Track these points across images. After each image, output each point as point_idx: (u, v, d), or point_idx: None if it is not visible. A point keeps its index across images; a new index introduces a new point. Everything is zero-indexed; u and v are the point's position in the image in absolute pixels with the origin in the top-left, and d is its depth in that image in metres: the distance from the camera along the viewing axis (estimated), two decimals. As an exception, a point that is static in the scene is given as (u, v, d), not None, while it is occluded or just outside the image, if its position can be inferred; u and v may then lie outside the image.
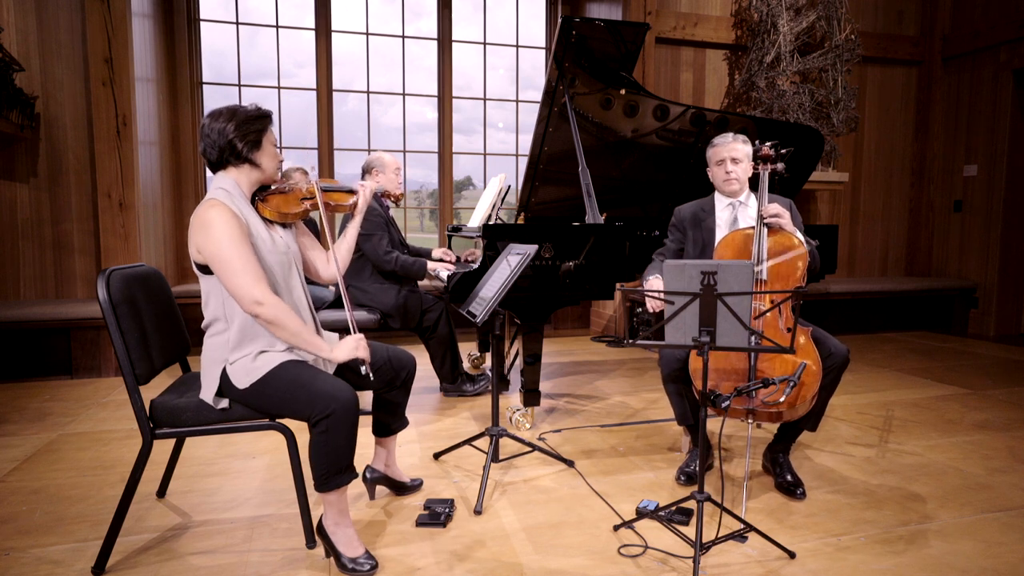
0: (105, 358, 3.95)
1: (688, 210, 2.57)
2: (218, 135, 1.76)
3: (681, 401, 2.33)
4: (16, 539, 1.93)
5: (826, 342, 2.18)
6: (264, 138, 1.81)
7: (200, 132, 1.80)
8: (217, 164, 1.80)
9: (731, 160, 2.41)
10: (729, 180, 2.43)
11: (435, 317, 3.37)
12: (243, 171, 1.81)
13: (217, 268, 1.69)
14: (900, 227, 6.30)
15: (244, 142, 1.77)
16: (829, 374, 2.13)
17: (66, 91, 4.18)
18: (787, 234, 2.26)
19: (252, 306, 1.68)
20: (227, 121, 1.76)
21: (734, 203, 2.47)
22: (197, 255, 1.73)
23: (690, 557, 1.80)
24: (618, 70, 3.21)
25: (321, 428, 1.68)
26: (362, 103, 5.39)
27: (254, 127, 1.78)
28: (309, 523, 1.87)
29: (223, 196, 1.75)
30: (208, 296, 1.79)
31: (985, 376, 4.09)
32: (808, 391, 2.01)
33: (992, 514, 2.13)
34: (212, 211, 1.69)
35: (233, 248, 1.67)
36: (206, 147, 1.78)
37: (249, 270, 1.68)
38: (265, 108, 1.85)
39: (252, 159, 1.80)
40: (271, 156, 1.84)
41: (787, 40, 5.15)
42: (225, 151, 1.77)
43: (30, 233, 4.21)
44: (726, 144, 2.43)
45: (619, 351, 4.81)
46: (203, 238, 1.69)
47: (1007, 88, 5.47)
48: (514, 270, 2.11)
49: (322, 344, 1.79)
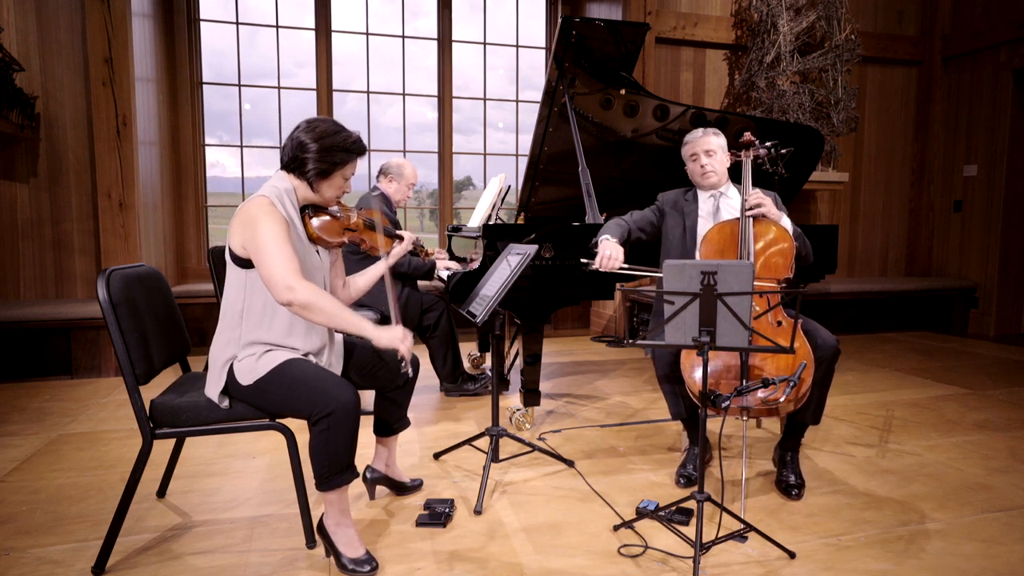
0: (105, 358, 3.95)
1: (671, 196, 2.62)
2: (299, 147, 1.76)
3: (676, 399, 2.33)
4: (16, 539, 1.93)
5: (815, 333, 2.17)
6: (338, 172, 1.80)
7: (294, 128, 1.79)
8: (285, 165, 1.81)
9: (704, 153, 2.45)
10: (706, 174, 2.46)
11: (435, 317, 3.37)
12: (302, 186, 1.81)
13: (257, 255, 1.68)
14: (900, 227, 6.30)
15: (316, 167, 1.77)
16: (820, 367, 2.13)
17: (66, 91, 4.18)
18: (770, 223, 2.27)
19: (284, 292, 1.65)
20: (315, 139, 1.75)
21: (715, 194, 2.50)
22: (240, 249, 1.72)
23: (690, 557, 1.80)
24: (618, 70, 3.21)
25: (322, 427, 1.68)
26: (361, 103, 5.39)
27: (335, 158, 1.78)
28: (309, 523, 1.87)
29: (273, 195, 1.75)
30: (233, 290, 1.78)
31: (985, 376, 4.09)
32: (803, 386, 2.01)
33: (992, 514, 2.13)
34: (259, 207, 1.70)
35: (274, 239, 1.67)
36: (285, 146, 1.80)
37: (286, 258, 1.67)
38: (361, 143, 1.83)
39: (314, 184, 1.80)
40: (335, 188, 1.84)
41: (787, 40, 5.15)
42: (295, 163, 1.78)
43: (30, 233, 4.21)
44: (697, 139, 2.47)
45: (619, 351, 4.81)
46: (249, 232, 1.69)
47: (1007, 88, 5.47)
48: (514, 270, 2.11)
49: (365, 323, 1.74)
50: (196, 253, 4.96)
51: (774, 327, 2.14)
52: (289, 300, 1.67)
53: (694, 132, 2.50)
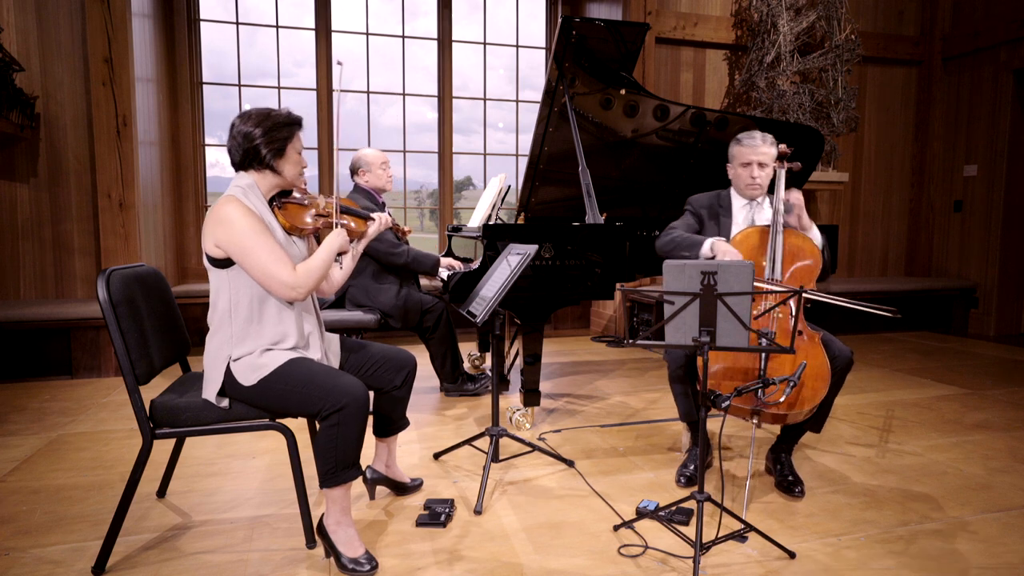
0: (105, 358, 3.95)
1: (704, 200, 2.51)
2: (244, 138, 1.77)
3: (687, 400, 2.34)
4: (16, 539, 1.93)
5: (831, 344, 2.18)
6: (289, 146, 1.82)
7: (230, 130, 1.80)
8: (240, 165, 1.82)
9: (758, 165, 2.33)
10: (753, 185, 2.36)
11: (436, 317, 3.37)
12: (264, 175, 1.82)
13: (244, 260, 1.71)
14: (900, 227, 6.30)
15: (268, 149, 1.78)
16: (833, 375, 2.13)
17: (66, 91, 4.18)
18: (802, 236, 2.24)
19: (287, 291, 1.73)
20: (256, 125, 1.77)
21: (750, 204, 2.43)
22: (215, 249, 1.74)
23: (690, 557, 1.80)
24: (618, 70, 3.21)
25: (332, 421, 1.69)
26: (360, 103, 5.39)
27: (281, 134, 1.79)
28: (309, 523, 1.87)
29: (239, 193, 1.77)
30: (218, 292, 1.79)
31: (985, 376, 4.09)
32: (810, 392, 2.01)
33: (992, 514, 2.13)
34: (229, 206, 1.72)
35: (257, 238, 1.70)
36: (231, 147, 1.80)
37: (276, 257, 1.72)
38: (296, 114, 1.85)
39: (274, 166, 1.81)
40: (294, 163, 1.85)
41: (787, 40, 5.15)
42: (249, 155, 1.78)
43: (30, 233, 4.21)
44: (755, 147, 2.33)
45: (619, 351, 4.81)
46: (224, 232, 1.70)
47: (1007, 88, 5.47)
48: (514, 270, 2.11)
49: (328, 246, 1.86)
50: (196, 253, 4.96)
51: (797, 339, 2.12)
52: (292, 298, 1.74)
53: (750, 136, 2.36)
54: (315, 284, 1.79)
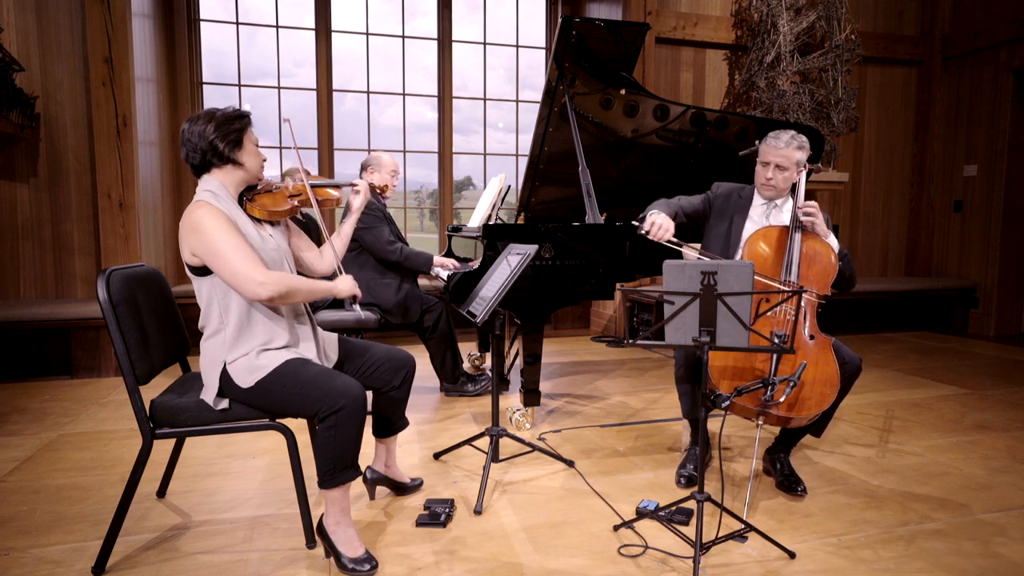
0: (105, 358, 3.95)
1: (725, 190, 2.48)
2: (199, 138, 1.77)
3: (691, 399, 2.35)
4: (16, 539, 1.93)
5: (841, 351, 2.17)
6: (245, 137, 1.82)
7: (181, 138, 1.80)
8: (201, 167, 1.81)
9: (775, 167, 2.30)
10: (766, 185, 2.34)
11: (435, 317, 3.37)
12: (227, 172, 1.82)
13: (213, 262, 1.71)
14: (900, 227, 6.30)
15: (225, 142, 1.78)
16: (841, 382, 2.12)
17: (66, 91, 4.18)
18: (819, 240, 2.24)
19: (256, 288, 1.69)
20: (206, 123, 1.77)
21: (768, 204, 2.41)
22: (191, 258, 1.74)
23: (690, 557, 1.80)
24: (618, 70, 3.21)
25: (330, 423, 1.69)
26: (360, 103, 5.39)
27: (234, 127, 1.79)
28: (309, 523, 1.87)
29: (209, 197, 1.77)
30: (208, 300, 1.79)
31: (985, 376, 4.09)
32: (818, 397, 2.00)
33: (992, 514, 2.13)
34: (199, 211, 1.71)
35: (225, 239, 1.69)
36: (188, 152, 1.79)
37: (244, 256, 1.70)
38: (243, 108, 1.86)
39: (235, 159, 1.81)
40: (253, 155, 1.86)
41: (787, 40, 5.15)
42: (207, 153, 1.78)
43: (30, 233, 4.21)
44: (775, 147, 2.28)
45: (619, 351, 4.81)
46: (195, 239, 1.71)
47: (1007, 88, 5.47)
48: (514, 270, 2.11)
49: (327, 284, 1.89)
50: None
51: (807, 343, 2.12)
52: (260, 295, 1.70)
53: (776, 136, 2.30)
54: (285, 291, 1.73)
